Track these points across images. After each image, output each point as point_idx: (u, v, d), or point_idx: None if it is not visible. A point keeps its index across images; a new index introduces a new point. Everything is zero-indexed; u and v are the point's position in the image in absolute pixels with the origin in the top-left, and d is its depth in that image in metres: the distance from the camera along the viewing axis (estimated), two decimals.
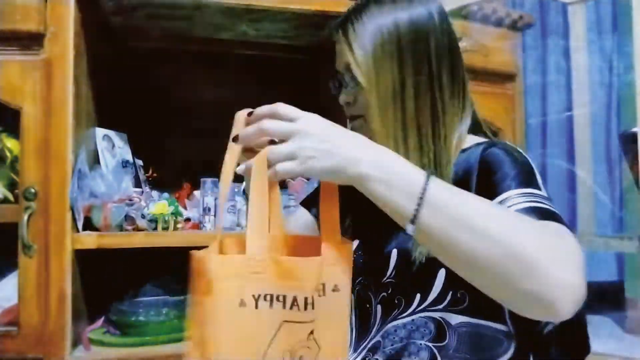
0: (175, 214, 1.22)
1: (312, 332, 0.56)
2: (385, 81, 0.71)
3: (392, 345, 0.70)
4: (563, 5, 1.87)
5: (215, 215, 1.30)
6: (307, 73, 1.62)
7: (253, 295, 0.53)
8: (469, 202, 0.54)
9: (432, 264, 0.65)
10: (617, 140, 1.83)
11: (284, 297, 0.54)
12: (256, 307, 0.53)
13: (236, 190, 1.32)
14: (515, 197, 0.61)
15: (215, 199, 1.30)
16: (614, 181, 1.88)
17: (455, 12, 1.39)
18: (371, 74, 0.71)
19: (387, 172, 0.55)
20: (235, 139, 0.60)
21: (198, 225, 1.30)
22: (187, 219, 1.30)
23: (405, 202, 0.54)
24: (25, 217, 1.05)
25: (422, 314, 0.69)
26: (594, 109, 1.82)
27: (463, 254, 0.53)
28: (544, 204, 0.60)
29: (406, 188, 0.54)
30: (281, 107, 0.59)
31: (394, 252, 0.72)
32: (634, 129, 1.26)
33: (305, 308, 0.55)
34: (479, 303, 0.66)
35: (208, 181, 1.30)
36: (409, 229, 0.54)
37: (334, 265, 0.57)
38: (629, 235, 1.47)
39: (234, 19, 1.36)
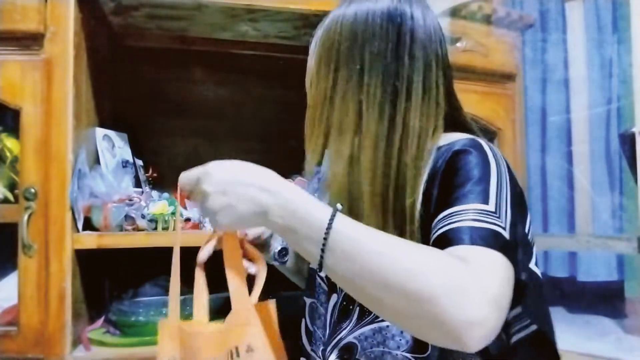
0: (175, 214, 1.22)
1: None
2: (319, 87, 0.73)
3: (371, 348, 0.69)
4: (562, 2, 1.87)
5: None
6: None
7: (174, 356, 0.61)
8: (370, 247, 0.53)
9: None
10: (616, 140, 1.83)
11: None
12: None
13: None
14: (459, 214, 0.60)
15: None
16: (613, 181, 1.87)
17: (455, 12, 1.39)
18: (312, 81, 0.74)
19: (293, 218, 0.55)
20: None
21: (198, 225, 1.30)
22: (187, 219, 1.30)
23: (312, 248, 0.55)
24: (25, 217, 1.05)
25: None
26: (593, 109, 1.82)
27: (368, 299, 0.54)
28: (487, 222, 0.59)
29: (311, 234, 0.54)
30: (181, 178, 0.64)
31: None
32: (634, 129, 1.26)
33: None
34: None
35: None
36: (322, 273, 0.56)
37: (245, 326, 0.58)
38: (627, 236, 1.46)
39: (234, 19, 1.36)
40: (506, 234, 0.59)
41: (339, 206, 0.56)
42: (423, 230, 0.67)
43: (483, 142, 0.69)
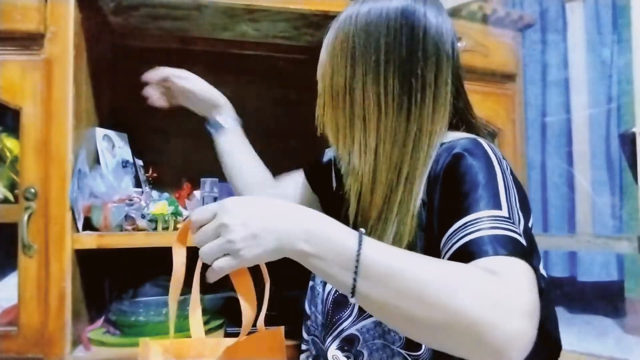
0: (175, 214, 1.22)
1: None
2: (335, 79, 0.73)
3: (373, 340, 0.70)
4: (562, 2, 1.87)
5: None
6: (307, 73, 1.62)
7: None
8: (402, 268, 0.53)
9: None
10: (616, 140, 1.83)
11: None
12: None
13: None
14: (475, 223, 0.59)
15: (215, 199, 1.30)
16: (613, 181, 1.88)
17: (455, 12, 1.39)
18: (326, 74, 0.74)
19: (320, 244, 0.54)
20: None
21: None
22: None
23: (343, 274, 0.53)
24: (25, 217, 1.05)
25: None
26: (593, 109, 1.82)
27: (404, 320, 0.53)
28: (504, 229, 0.58)
29: (341, 260, 0.53)
30: (194, 213, 0.60)
31: None
32: (634, 129, 1.26)
33: None
34: None
35: (208, 181, 1.30)
36: (352, 300, 0.54)
37: None
38: (627, 236, 1.46)
39: (234, 19, 1.36)
40: (522, 239, 0.59)
41: (362, 230, 0.56)
42: (425, 232, 0.67)
43: (484, 143, 0.69)
